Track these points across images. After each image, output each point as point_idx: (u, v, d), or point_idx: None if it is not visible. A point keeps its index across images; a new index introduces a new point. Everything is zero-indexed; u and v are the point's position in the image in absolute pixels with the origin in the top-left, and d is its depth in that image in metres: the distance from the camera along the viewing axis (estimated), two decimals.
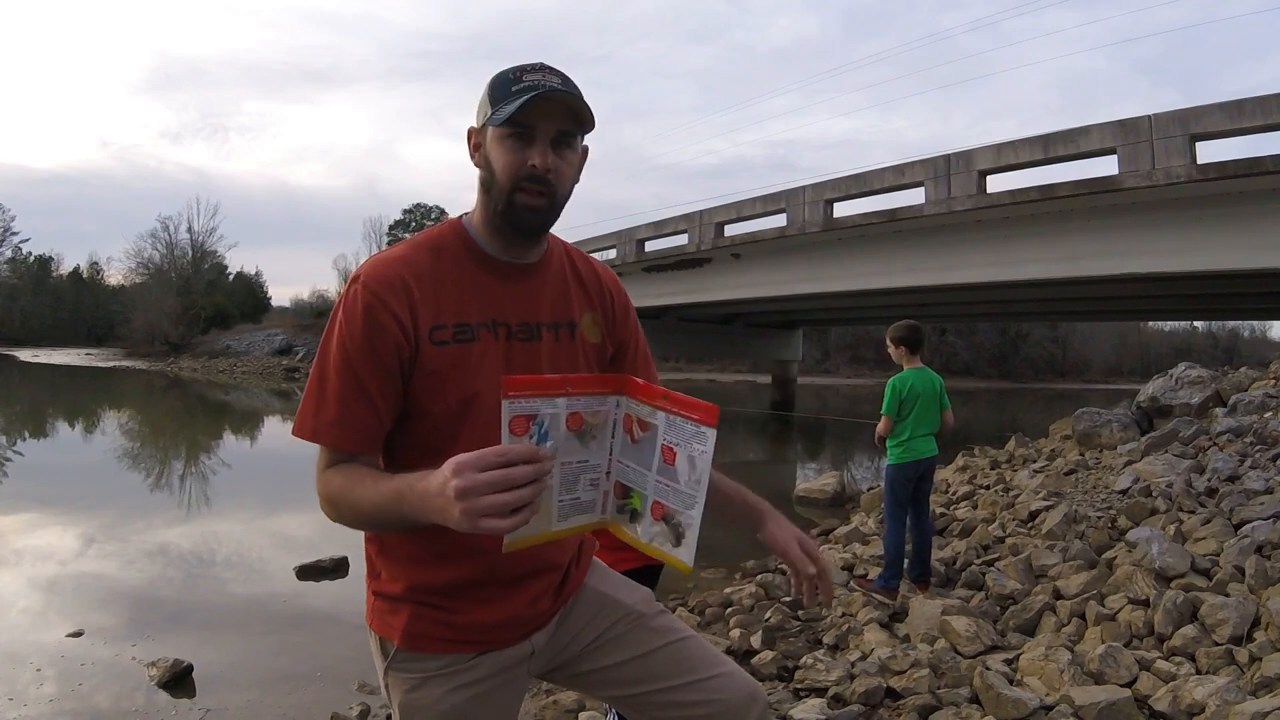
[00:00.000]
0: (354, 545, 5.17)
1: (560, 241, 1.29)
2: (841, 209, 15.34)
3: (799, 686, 3.13)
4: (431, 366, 1.11)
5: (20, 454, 11.64)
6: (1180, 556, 3.76)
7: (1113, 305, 19.62)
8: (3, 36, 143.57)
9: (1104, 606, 3.51)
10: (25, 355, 47.49)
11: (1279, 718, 2.26)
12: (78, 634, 4.06)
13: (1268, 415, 6.45)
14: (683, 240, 19.40)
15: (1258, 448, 5.68)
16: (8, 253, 60.69)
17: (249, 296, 56.20)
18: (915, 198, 13.47)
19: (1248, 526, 3.98)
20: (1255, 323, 56.64)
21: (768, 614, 4.10)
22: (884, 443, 4.38)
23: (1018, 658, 3.11)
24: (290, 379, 32.68)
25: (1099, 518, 4.89)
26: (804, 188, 15.81)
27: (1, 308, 57.52)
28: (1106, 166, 11.08)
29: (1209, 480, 5.14)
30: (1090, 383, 52.14)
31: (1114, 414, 8.31)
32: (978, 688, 2.79)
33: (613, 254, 21.45)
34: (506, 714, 1.26)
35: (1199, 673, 2.84)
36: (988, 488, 7.27)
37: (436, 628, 1.18)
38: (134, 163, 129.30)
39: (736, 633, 3.85)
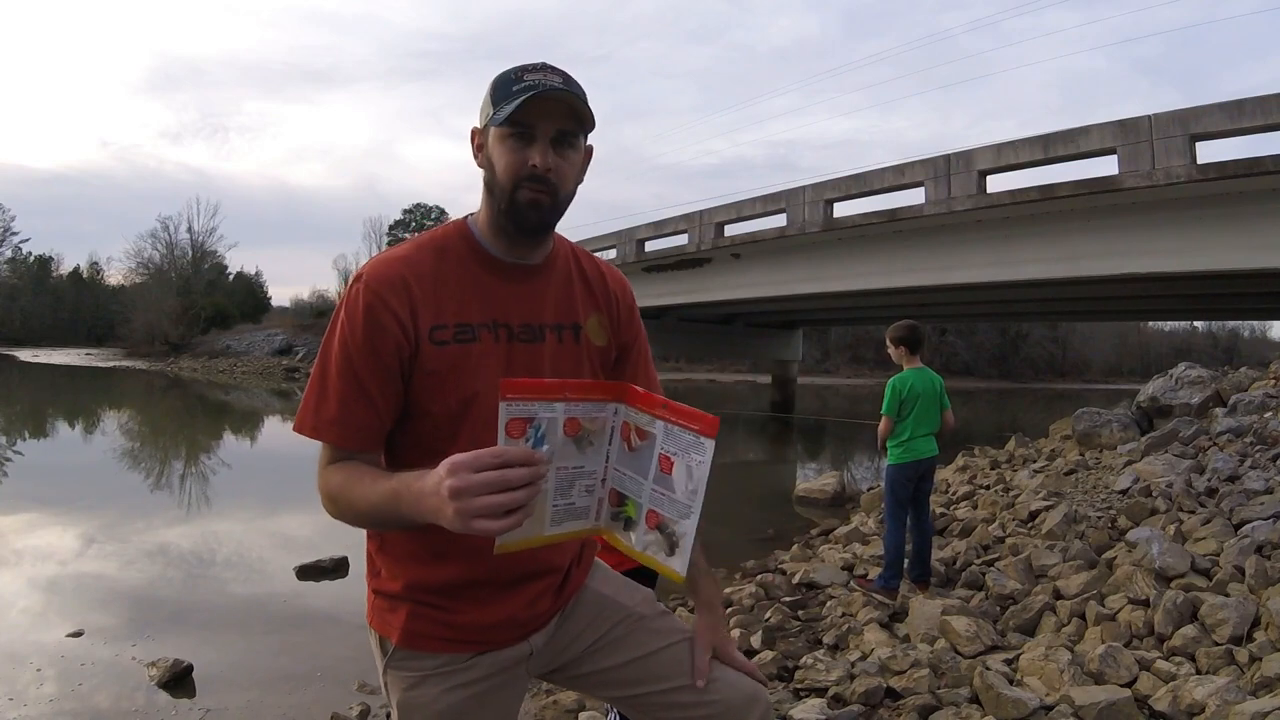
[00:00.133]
0: (354, 545, 5.20)
1: (567, 242, 1.28)
2: (841, 209, 15.36)
3: (799, 686, 3.13)
4: (431, 366, 1.11)
5: (20, 454, 11.63)
6: (1180, 556, 3.76)
7: (1113, 305, 19.63)
8: (3, 36, 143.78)
9: (1104, 606, 3.51)
10: (25, 355, 47.48)
11: (1279, 718, 2.26)
12: (78, 634, 4.06)
13: (1268, 415, 6.45)
14: (683, 240, 19.40)
15: (1258, 448, 5.68)
16: (8, 253, 60.90)
17: (249, 296, 56.23)
18: (915, 198, 13.48)
19: (1248, 526, 3.98)
20: (1255, 323, 56.69)
21: (768, 614, 4.11)
22: (885, 443, 4.38)
23: (1018, 658, 3.11)
24: (290, 379, 32.68)
25: (1099, 518, 4.89)
26: (804, 188, 15.81)
27: (1, 308, 57.54)
28: (1106, 166, 11.11)
29: (1209, 480, 5.14)
30: (1090, 383, 52.18)
31: (1114, 414, 8.31)
32: (978, 688, 2.79)
33: (613, 254, 21.43)
34: (505, 714, 1.26)
35: (1199, 673, 2.84)
36: (988, 488, 7.27)
37: (434, 627, 1.18)
38: (134, 163, 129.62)
39: (736, 633, 3.84)
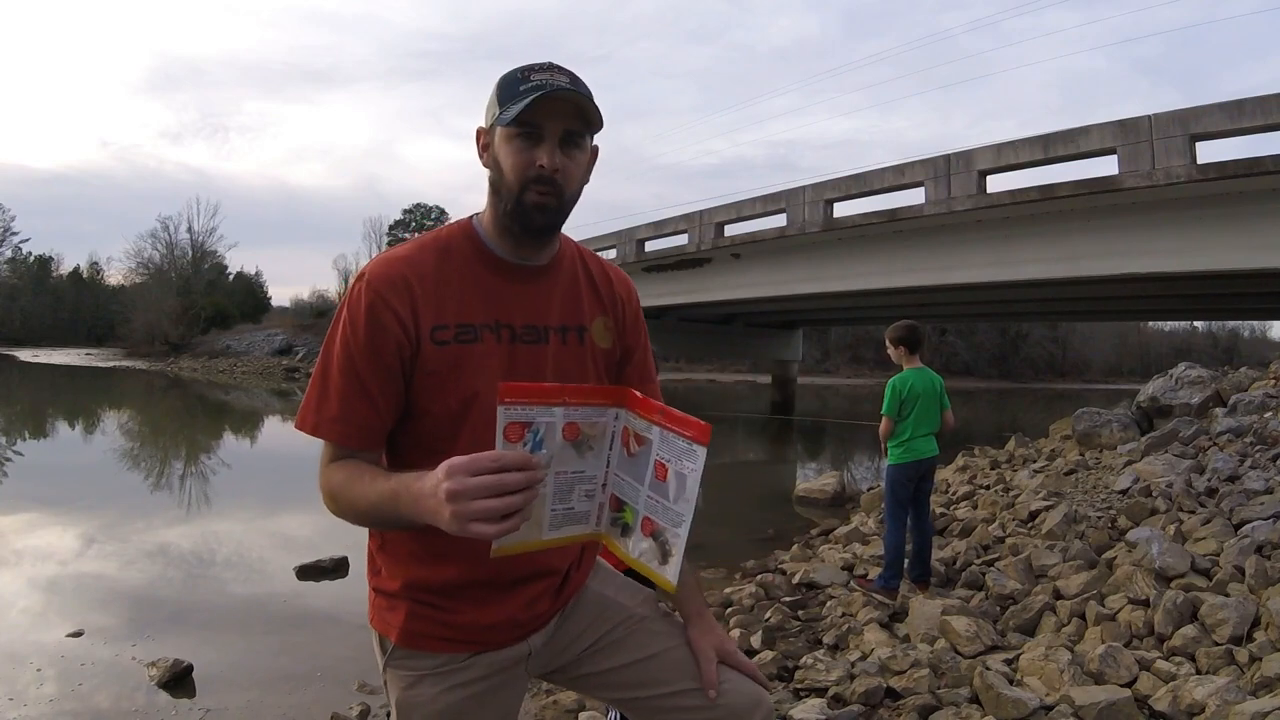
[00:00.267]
0: (354, 545, 5.21)
1: (573, 244, 1.28)
2: (841, 209, 15.38)
3: (799, 686, 3.13)
4: (432, 366, 1.11)
5: (20, 454, 11.63)
6: (1180, 556, 3.76)
7: (1113, 305, 19.63)
8: (3, 36, 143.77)
9: (1104, 606, 3.51)
10: (25, 355, 47.48)
11: (1279, 718, 2.26)
12: (78, 634, 4.06)
13: (1268, 415, 6.45)
14: (683, 240, 19.42)
15: (1258, 448, 5.68)
16: (8, 253, 60.90)
17: (249, 296, 56.24)
18: (915, 198, 13.49)
19: (1248, 526, 3.98)
20: (1255, 323, 56.69)
21: (768, 614, 4.11)
22: (885, 443, 4.38)
23: (1018, 658, 3.11)
24: (290, 379, 32.68)
25: (1099, 518, 4.89)
26: (804, 188, 15.82)
27: (1, 308, 57.55)
28: (1106, 166, 11.12)
29: (1209, 480, 5.14)
30: (1090, 383, 52.17)
31: (1114, 414, 8.31)
32: (978, 688, 2.79)
33: (613, 254, 21.43)
34: (504, 714, 1.26)
35: (1199, 673, 2.84)
36: (988, 488, 7.27)
37: (433, 626, 1.18)
38: (134, 163, 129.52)
39: (736, 633, 3.85)
